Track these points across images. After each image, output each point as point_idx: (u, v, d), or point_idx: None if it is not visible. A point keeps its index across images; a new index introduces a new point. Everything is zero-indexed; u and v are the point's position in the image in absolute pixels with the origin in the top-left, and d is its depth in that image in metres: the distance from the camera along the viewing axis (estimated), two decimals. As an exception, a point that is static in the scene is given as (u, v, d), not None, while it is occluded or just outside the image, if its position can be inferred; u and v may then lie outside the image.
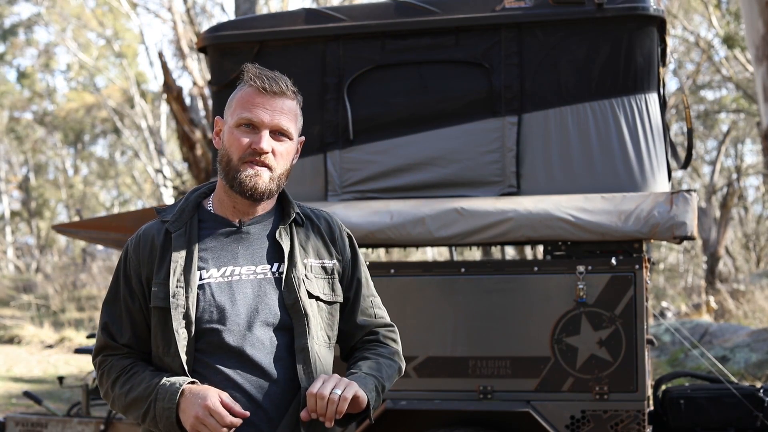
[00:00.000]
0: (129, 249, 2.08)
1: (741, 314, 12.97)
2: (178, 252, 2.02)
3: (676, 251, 27.13)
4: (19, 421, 5.44)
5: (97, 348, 2.11)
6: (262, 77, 2.02)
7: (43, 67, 30.68)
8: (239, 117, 2.01)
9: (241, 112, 2.01)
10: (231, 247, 2.05)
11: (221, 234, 2.06)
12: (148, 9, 24.47)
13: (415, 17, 4.04)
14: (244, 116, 2.00)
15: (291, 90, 2.05)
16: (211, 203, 2.11)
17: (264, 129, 2.00)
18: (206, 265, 2.02)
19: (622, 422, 3.69)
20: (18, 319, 15.97)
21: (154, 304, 2.00)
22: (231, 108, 2.06)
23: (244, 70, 2.05)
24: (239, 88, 2.07)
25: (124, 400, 2.01)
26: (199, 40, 4.38)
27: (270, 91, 2.01)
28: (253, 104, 2.01)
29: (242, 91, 2.05)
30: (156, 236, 2.05)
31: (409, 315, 3.88)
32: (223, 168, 2.04)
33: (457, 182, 3.99)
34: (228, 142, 2.03)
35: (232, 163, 2.01)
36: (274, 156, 2.02)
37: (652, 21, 3.92)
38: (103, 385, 2.08)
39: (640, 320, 3.71)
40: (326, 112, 4.10)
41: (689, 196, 3.71)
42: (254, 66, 2.05)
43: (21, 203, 33.41)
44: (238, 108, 2.03)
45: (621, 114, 3.89)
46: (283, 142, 2.04)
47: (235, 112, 2.03)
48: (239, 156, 2.00)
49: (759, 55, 9.96)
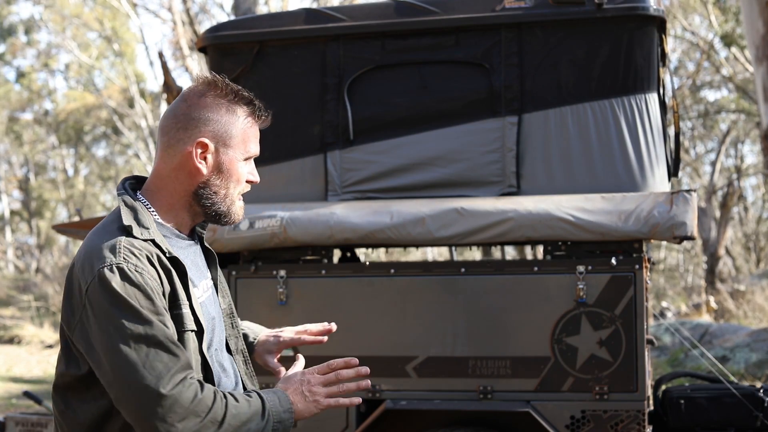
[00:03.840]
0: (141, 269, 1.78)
1: (741, 314, 12.97)
2: (185, 269, 1.88)
3: (676, 251, 27.13)
4: (19, 421, 5.44)
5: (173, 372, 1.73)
6: (263, 110, 2.00)
7: (42, 67, 30.68)
8: (250, 152, 1.97)
9: (251, 146, 1.97)
10: (194, 260, 2.00)
11: (184, 248, 1.97)
12: (147, 9, 24.47)
13: (415, 17, 4.04)
14: (252, 151, 1.97)
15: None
16: (157, 214, 1.94)
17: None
18: (194, 283, 1.95)
19: (622, 422, 3.69)
20: (18, 319, 15.97)
21: (188, 328, 1.84)
22: (234, 137, 1.93)
23: (246, 101, 1.97)
24: (230, 110, 1.94)
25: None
26: (199, 40, 4.38)
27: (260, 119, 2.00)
28: (254, 137, 1.98)
29: (247, 124, 1.96)
30: (153, 253, 1.84)
31: (409, 315, 3.88)
32: (220, 197, 1.93)
33: (457, 182, 3.99)
34: (232, 173, 1.93)
35: (229, 196, 1.94)
36: None
37: (652, 21, 3.92)
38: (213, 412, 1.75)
39: (640, 320, 3.71)
40: (326, 112, 4.10)
41: (689, 196, 3.71)
42: (250, 95, 2.00)
43: (21, 203, 33.41)
44: (247, 143, 1.96)
45: (621, 114, 3.89)
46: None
47: (244, 145, 1.95)
48: (238, 189, 1.96)
49: (759, 55, 9.96)
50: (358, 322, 3.90)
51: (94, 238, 1.86)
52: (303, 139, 4.13)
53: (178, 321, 1.82)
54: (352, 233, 3.90)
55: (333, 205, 3.98)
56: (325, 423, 3.90)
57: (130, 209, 1.89)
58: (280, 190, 4.09)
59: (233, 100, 1.94)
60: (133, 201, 1.91)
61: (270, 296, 3.97)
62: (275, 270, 3.98)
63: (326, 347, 3.94)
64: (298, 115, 4.12)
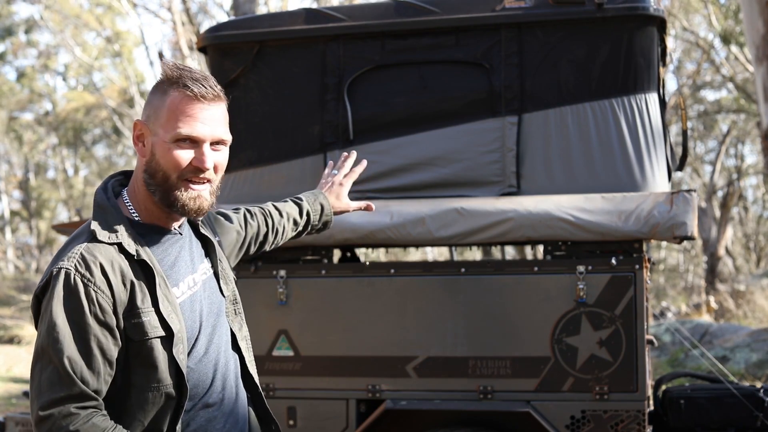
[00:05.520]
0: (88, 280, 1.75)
1: (741, 314, 12.97)
2: (153, 273, 1.82)
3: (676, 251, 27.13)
4: (19, 421, 5.43)
5: (57, 398, 1.71)
6: (194, 81, 1.81)
7: (42, 68, 30.67)
8: (177, 133, 1.81)
9: (178, 126, 1.81)
10: (180, 256, 1.94)
11: (164, 243, 1.91)
12: (147, 9, 24.45)
13: (415, 17, 4.04)
14: (183, 132, 1.81)
15: (220, 91, 1.88)
16: (136, 213, 1.90)
17: (204, 143, 1.84)
18: (174, 282, 1.89)
19: (622, 422, 3.69)
20: (18, 319, 15.97)
21: (153, 335, 1.79)
22: (161, 118, 1.83)
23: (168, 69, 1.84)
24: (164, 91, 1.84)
25: None
26: (199, 40, 4.38)
27: (205, 98, 1.83)
28: (189, 116, 1.81)
29: (172, 98, 1.83)
30: (115, 260, 1.79)
31: (409, 315, 3.88)
32: (156, 183, 1.84)
33: (457, 182, 3.99)
34: (163, 158, 1.82)
35: (169, 182, 1.83)
36: (215, 168, 1.88)
37: (652, 21, 3.92)
38: None
39: (640, 320, 3.70)
40: (326, 112, 4.10)
41: (689, 196, 3.71)
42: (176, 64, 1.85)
43: (21, 203, 33.40)
44: (172, 120, 1.81)
45: (621, 114, 3.89)
46: (221, 151, 1.90)
47: (169, 124, 1.82)
48: (178, 174, 1.83)
49: (759, 55, 9.95)
50: (358, 322, 3.90)
51: (68, 239, 1.87)
52: (303, 139, 4.13)
53: (138, 330, 1.79)
54: (352, 233, 3.90)
55: (333, 205, 3.97)
56: (325, 423, 3.90)
57: (101, 211, 1.86)
58: (280, 190, 4.08)
59: (174, 82, 1.84)
60: (106, 201, 1.88)
61: (270, 296, 3.97)
62: (275, 270, 3.98)
63: (326, 347, 3.95)
64: (298, 115, 4.12)
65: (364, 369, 3.89)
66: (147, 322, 1.80)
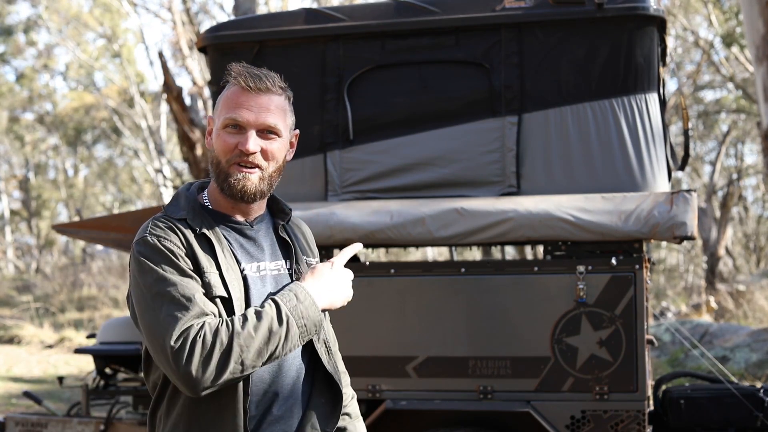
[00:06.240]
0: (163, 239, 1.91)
1: (741, 314, 12.97)
2: (217, 246, 1.96)
3: (676, 251, 27.13)
4: (19, 421, 5.44)
5: (184, 321, 1.82)
6: (246, 75, 1.97)
7: (42, 68, 30.67)
8: (225, 118, 1.98)
9: (227, 112, 1.98)
10: (249, 244, 2.05)
11: (234, 231, 2.04)
12: (147, 9, 24.46)
13: (415, 17, 4.04)
14: (229, 117, 1.97)
15: (278, 86, 2.02)
16: (208, 201, 2.07)
17: (250, 129, 1.97)
18: (241, 260, 2.01)
19: (622, 422, 3.69)
20: (18, 319, 15.97)
21: (216, 294, 1.91)
22: (218, 109, 2.02)
23: (229, 70, 2.01)
24: (226, 88, 2.03)
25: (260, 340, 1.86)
26: (199, 40, 4.38)
27: (255, 88, 1.97)
28: (237, 104, 1.97)
29: (228, 91, 2.01)
30: (181, 232, 1.95)
31: (409, 315, 3.89)
32: (213, 170, 2.02)
33: (457, 182, 3.99)
34: (216, 144, 2.00)
35: (221, 166, 1.99)
36: (264, 155, 1.99)
37: (652, 21, 3.92)
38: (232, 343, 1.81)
39: (640, 320, 3.70)
40: (326, 112, 4.10)
41: (689, 196, 3.71)
42: (239, 65, 2.01)
43: (21, 203, 33.41)
44: (224, 109, 1.99)
45: (621, 114, 3.89)
46: (272, 140, 2.01)
47: (221, 113, 1.99)
48: (227, 158, 1.98)
49: (759, 55, 9.96)
50: (358, 322, 3.90)
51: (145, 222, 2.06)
52: (303, 139, 4.10)
53: (205, 286, 1.91)
54: (352, 233, 3.90)
55: (333, 205, 3.97)
56: (325, 423, 3.90)
57: (176, 197, 2.07)
58: (280, 190, 4.08)
59: (233, 78, 2.00)
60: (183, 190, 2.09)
61: (270, 296, 3.97)
62: (275, 270, 3.98)
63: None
64: (297, 115, 4.11)
65: (364, 369, 3.88)
66: (211, 282, 1.92)
